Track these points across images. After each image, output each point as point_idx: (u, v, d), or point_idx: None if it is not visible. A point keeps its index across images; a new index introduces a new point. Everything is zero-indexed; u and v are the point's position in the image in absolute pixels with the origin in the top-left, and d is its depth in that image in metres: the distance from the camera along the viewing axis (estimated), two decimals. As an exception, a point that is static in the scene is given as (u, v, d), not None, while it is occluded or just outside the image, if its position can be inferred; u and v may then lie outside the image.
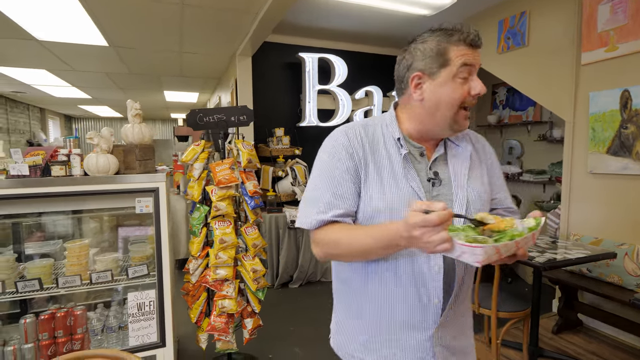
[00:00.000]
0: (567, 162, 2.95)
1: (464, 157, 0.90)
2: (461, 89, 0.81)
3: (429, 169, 0.87)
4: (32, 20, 2.81)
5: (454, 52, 0.81)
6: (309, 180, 0.91)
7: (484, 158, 0.95)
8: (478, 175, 0.90)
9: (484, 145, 0.98)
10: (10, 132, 6.75)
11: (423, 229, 0.62)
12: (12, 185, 1.67)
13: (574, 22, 2.81)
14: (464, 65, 0.80)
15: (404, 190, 0.82)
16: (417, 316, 0.84)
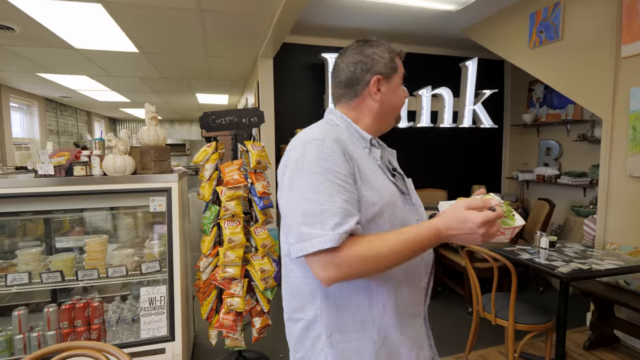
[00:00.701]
0: (604, 164, 2.72)
1: (393, 156, 1.00)
2: (404, 94, 0.95)
3: (389, 163, 0.95)
4: (68, 30, 3.02)
5: (399, 63, 0.93)
6: (293, 202, 0.78)
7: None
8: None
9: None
10: (60, 134, 7.32)
11: (484, 225, 0.71)
12: (39, 184, 1.81)
13: (613, 12, 2.58)
14: (402, 74, 0.94)
15: (391, 187, 0.87)
16: (416, 302, 0.90)
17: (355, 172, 0.80)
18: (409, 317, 0.88)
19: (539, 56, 3.19)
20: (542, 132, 4.63)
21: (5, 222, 2.08)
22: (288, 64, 4.09)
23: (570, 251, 2.32)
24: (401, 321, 0.86)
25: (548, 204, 3.63)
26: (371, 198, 0.79)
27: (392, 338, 0.85)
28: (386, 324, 0.84)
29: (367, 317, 0.83)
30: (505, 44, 3.54)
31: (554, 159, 4.44)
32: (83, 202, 1.97)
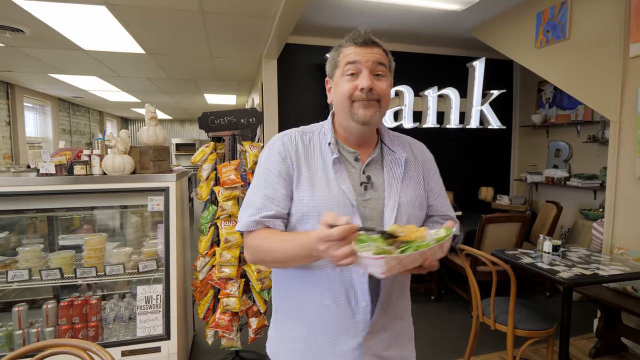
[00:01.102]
0: (612, 166, 2.64)
1: (398, 163, 0.92)
2: (348, 85, 0.86)
3: (362, 173, 0.89)
4: (76, 32, 3.09)
5: (343, 54, 0.88)
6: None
7: (421, 164, 0.97)
8: (413, 181, 0.93)
9: (423, 151, 1.00)
10: (72, 133, 7.48)
11: (327, 243, 0.64)
12: (40, 183, 1.85)
13: (621, 10, 2.51)
14: (348, 64, 0.86)
15: (335, 194, 0.84)
16: (348, 320, 0.84)
17: (293, 173, 0.87)
18: (335, 333, 0.85)
19: (546, 56, 3.13)
20: (552, 133, 4.53)
21: (8, 219, 2.13)
22: (292, 65, 4.10)
23: (575, 256, 2.26)
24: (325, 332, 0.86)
25: (555, 207, 3.55)
26: (301, 199, 0.85)
27: (317, 343, 0.88)
28: (312, 328, 0.88)
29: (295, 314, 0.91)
30: (511, 43, 3.48)
31: (563, 161, 4.34)
32: (83, 201, 2.01)
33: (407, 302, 0.98)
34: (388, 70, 0.90)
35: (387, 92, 0.88)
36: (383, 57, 0.87)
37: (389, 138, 0.96)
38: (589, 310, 3.04)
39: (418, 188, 0.93)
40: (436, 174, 1.00)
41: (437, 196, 0.97)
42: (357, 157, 0.91)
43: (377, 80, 0.86)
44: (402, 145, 0.96)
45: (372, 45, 0.86)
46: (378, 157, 0.93)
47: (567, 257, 2.22)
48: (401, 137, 1.01)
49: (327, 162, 0.88)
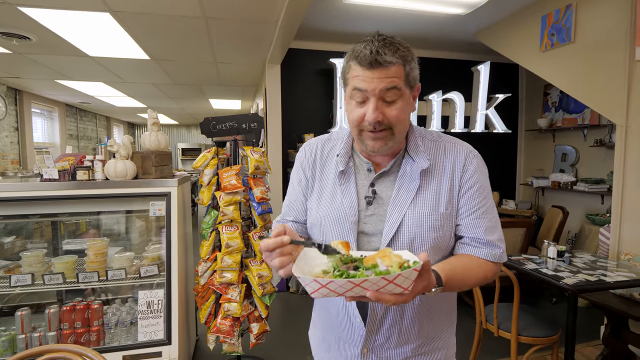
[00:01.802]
0: (618, 170, 2.60)
1: (413, 176, 0.81)
2: (356, 112, 0.77)
3: (369, 186, 0.83)
4: (82, 38, 3.13)
5: (350, 72, 0.77)
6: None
7: (451, 175, 0.82)
8: (430, 197, 0.80)
9: (459, 159, 0.84)
10: (80, 138, 7.57)
11: (265, 252, 0.67)
12: (43, 188, 1.87)
13: (627, 13, 2.48)
14: (355, 89, 0.76)
15: (337, 207, 0.83)
16: (346, 330, 0.86)
17: (308, 183, 0.90)
18: (339, 339, 0.88)
19: (551, 59, 3.10)
20: (558, 137, 4.49)
21: (12, 224, 2.15)
22: (296, 70, 4.11)
23: (580, 262, 2.23)
24: (332, 333, 0.90)
25: (562, 212, 3.50)
26: (310, 209, 0.89)
27: (327, 341, 0.93)
28: (324, 328, 0.93)
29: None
30: (516, 47, 3.46)
31: (570, 165, 4.29)
32: (86, 206, 2.02)
33: (435, 331, 0.85)
34: (405, 86, 0.76)
35: (401, 115, 0.76)
36: (395, 77, 0.73)
37: (414, 145, 0.83)
38: (596, 317, 2.98)
39: (438, 205, 0.80)
40: (473, 188, 0.82)
41: (470, 214, 0.82)
42: (369, 168, 0.85)
43: (388, 107, 0.75)
44: (429, 153, 0.83)
45: (380, 67, 0.72)
46: (395, 168, 0.83)
47: (572, 263, 2.19)
48: (438, 140, 0.86)
49: (337, 175, 0.86)
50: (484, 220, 0.82)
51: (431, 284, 0.66)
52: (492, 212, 0.83)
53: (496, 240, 0.82)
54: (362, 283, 0.58)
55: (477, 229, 0.81)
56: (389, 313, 0.80)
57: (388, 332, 0.81)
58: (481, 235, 0.81)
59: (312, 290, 0.60)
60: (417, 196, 0.80)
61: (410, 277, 0.59)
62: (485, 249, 0.81)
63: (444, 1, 3.03)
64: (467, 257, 0.81)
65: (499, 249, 0.82)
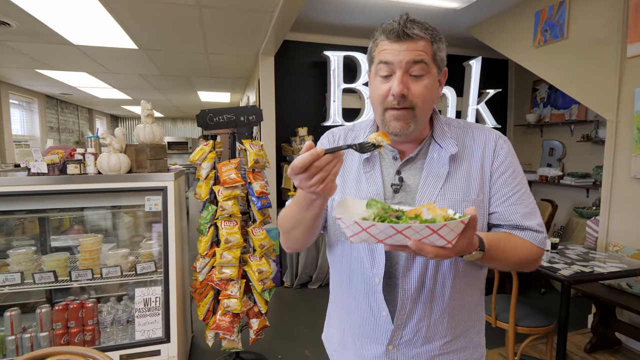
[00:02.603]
0: (608, 165, 2.67)
1: (441, 161, 0.79)
2: (380, 88, 0.75)
3: (395, 174, 0.81)
4: (66, 26, 2.99)
5: (377, 48, 0.76)
6: None
7: (481, 161, 0.79)
8: (461, 183, 0.77)
9: (488, 144, 0.80)
10: (61, 131, 7.30)
11: (297, 176, 0.61)
12: (31, 182, 1.78)
13: (619, 10, 2.53)
14: (380, 63, 0.74)
15: (362, 196, 0.80)
16: (369, 326, 0.81)
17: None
18: (360, 337, 0.83)
19: (544, 55, 3.14)
20: (546, 132, 4.58)
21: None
22: (290, 62, 4.05)
23: (573, 253, 2.28)
24: (352, 332, 0.86)
25: (550, 205, 3.58)
26: (331, 198, 0.83)
27: (347, 341, 0.87)
28: (343, 326, 0.88)
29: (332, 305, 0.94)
30: (509, 42, 3.49)
31: (557, 160, 4.39)
32: (77, 201, 1.94)
33: (463, 326, 0.82)
34: (433, 64, 0.74)
35: (426, 94, 0.74)
36: (422, 51, 0.72)
37: (441, 132, 0.81)
38: (583, 306, 3.07)
39: (469, 191, 0.77)
40: (506, 173, 0.79)
41: (504, 201, 0.78)
42: (395, 155, 0.82)
43: (414, 82, 0.73)
44: (456, 139, 0.80)
45: (408, 39, 0.71)
46: (421, 155, 0.81)
47: (565, 255, 2.24)
48: (465, 127, 0.84)
49: (361, 162, 0.83)
50: (520, 206, 0.78)
51: (473, 245, 0.64)
52: (529, 198, 0.79)
53: (536, 226, 0.78)
54: (405, 230, 0.55)
55: (514, 215, 0.77)
56: (418, 305, 0.77)
57: (417, 327, 0.78)
58: (518, 221, 0.77)
59: (351, 234, 0.57)
60: (446, 182, 0.77)
61: (455, 230, 0.56)
62: (524, 233, 0.78)
63: (440, -5, 3.02)
64: (511, 234, 0.78)
65: (540, 234, 0.78)
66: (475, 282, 0.83)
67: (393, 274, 0.77)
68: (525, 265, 0.78)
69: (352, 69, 4.09)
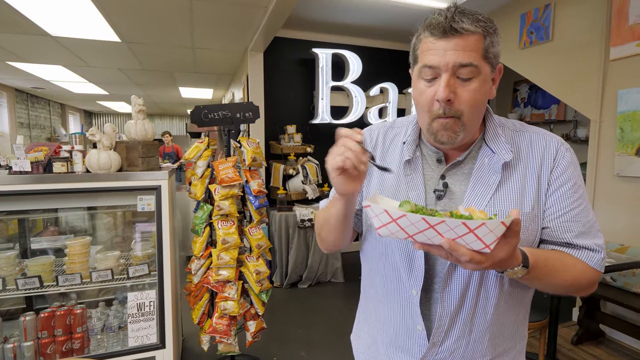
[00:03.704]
0: (591, 163, 2.77)
1: (493, 168, 0.70)
2: (425, 93, 0.67)
3: (439, 179, 0.74)
4: (45, 16, 2.82)
5: (422, 46, 0.68)
6: None
7: (538, 171, 0.71)
8: (513, 194, 0.69)
9: (548, 153, 0.71)
10: (32, 127, 6.93)
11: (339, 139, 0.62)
12: (13, 182, 1.66)
13: (602, 14, 2.62)
14: (424, 67, 0.67)
15: (401, 200, 0.74)
16: (402, 338, 0.76)
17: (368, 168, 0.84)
18: (393, 347, 0.78)
19: (529, 56, 3.23)
20: (527, 131, 4.72)
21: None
22: (278, 59, 3.99)
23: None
24: (384, 341, 0.81)
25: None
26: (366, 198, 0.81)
27: (378, 348, 0.83)
28: (376, 333, 0.84)
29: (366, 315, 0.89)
30: (495, 43, 3.56)
31: (538, 158, 4.54)
32: (64, 201, 1.83)
33: (504, 347, 0.76)
34: (484, 62, 0.66)
35: (476, 99, 0.66)
36: (472, 51, 0.64)
37: (494, 134, 0.73)
38: (568, 299, 3.19)
39: (522, 203, 0.69)
40: (566, 185, 0.70)
41: (560, 216, 0.69)
42: (439, 158, 0.74)
43: (461, 86, 0.65)
44: (511, 144, 0.72)
45: (456, 35, 0.64)
46: (470, 159, 0.73)
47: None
48: (522, 130, 0.75)
49: (401, 164, 0.76)
50: (578, 224, 0.69)
51: (516, 259, 0.58)
52: (588, 216, 0.70)
53: (592, 245, 0.69)
54: (438, 225, 0.50)
55: (567, 233, 0.69)
56: (457, 324, 0.71)
57: (454, 346, 0.71)
58: (571, 240, 0.69)
59: (379, 225, 0.54)
60: (497, 192, 0.69)
61: (495, 232, 0.50)
62: (578, 252, 0.69)
63: (431, -6, 3.05)
64: (563, 252, 0.69)
65: (597, 254, 0.69)
66: (521, 303, 0.76)
67: (432, 287, 0.72)
68: (578, 290, 0.70)
69: (340, 66, 4.08)
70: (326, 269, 3.75)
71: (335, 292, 3.54)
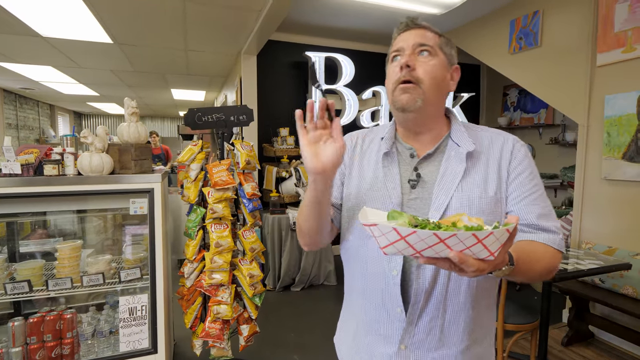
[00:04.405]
0: (580, 167, 2.83)
1: (459, 158, 0.79)
2: (392, 70, 0.82)
3: (413, 170, 0.82)
4: (35, 16, 2.79)
5: (392, 44, 0.85)
6: None
7: (499, 161, 0.80)
8: (478, 181, 0.78)
9: (506, 146, 0.81)
10: (20, 128, 6.81)
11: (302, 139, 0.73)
12: (3, 184, 1.63)
13: (589, 21, 2.69)
14: (393, 52, 0.83)
15: (379, 190, 0.82)
16: (382, 321, 0.80)
17: (346, 166, 0.90)
18: (373, 335, 0.82)
19: (519, 62, 3.29)
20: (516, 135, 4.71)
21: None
22: (271, 62, 4.00)
23: (552, 252, 2.39)
24: (365, 332, 0.85)
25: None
26: (348, 194, 0.87)
27: (360, 341, 0.87)
28: (357, 326, 0.88)
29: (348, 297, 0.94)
30: (485, 49, 3.62)
31: (527, 162, 4.61)
32: (55, 204, 1.80)
33: (479, 332, 0.81)
34: (440, 51, 0.80)
35: (432, 72, 0.77)
36: (429, 36, 0.79)
37: (458, 131, 0.83)
38: (558, 301, 3.23)
39: (486, 188, 0.77)
40: (524, 173, 0.79)
41: (521, 200, 0.78)
42: (412, 153, 0.84)
43: (421, 60, 0.78)
44: (474, 139, 0.82)
45: (415, 27, 0.81)
46: (439, 153, 0.82)
47: (546, 254, 2.34)
48: (483, 130, 0.86)
49: (379, 157, 0.85)
50: (537, 206, 0.77)
51: (505, 259, 0.60)
52: (545, 201, 0.79)
53: (552, 227, 0.77)
54: (449, 239, 0.50)
55: (529, 214, 0.77)
56: (432, 300, 0.76)
57: (430, 325, 0.76)
58: (534, 221, 0.76)
59: (386, 243, 0.52)
60: (464, 179, 0.77)
61: (500, 239, 0.52)
62: (542, 234, 0.76)
63: (423, 1, 3.09)
64: (533, 242, 0.76)
65: (557, 235, 0.77)
66: (489, 285, 0.82)
67: (409, 270, 0.77)
68: (547, 274, 0.76)
69: (333, 70, 4.10)
70: (319, 272, 3.74)
71: (328, 295, 3.54)
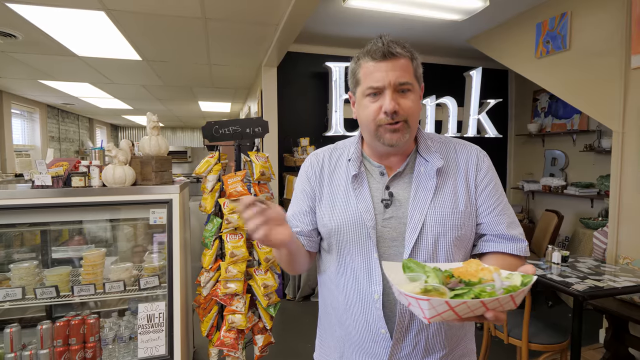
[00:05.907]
0: (615, 176, 2.65)
1: (429, 175, 0.81)
2: (371, 107, 0.79)
3: (385, 189, 0.82)
4: (71, 38, 3.00)
5: (363, 70, 0.80)
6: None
7: (466, 174, 0.83)
8: (450, 195, 0.80)
9: (471, 158, 0.85)
10: (62, 140, 7.29)
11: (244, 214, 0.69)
12: (35, 195, 1.75)
13: (622, 22, 2.54)
14: (369, 86, 0.78)
15: (352, 213, 0.81)
16: (368, 342, 0.81)
17: (316, 194, 0.89)
18: (362, 354, 0.83)
19: (546, 66, 3.15)
20: (548, 142, 4.58)
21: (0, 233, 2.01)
22: (292, 73, 4.06)
23: (584, 266, 2.25)
24: (351, 349, 0.84)
25: (557, 216, 3.55)
26: (321, 219, 0.86)
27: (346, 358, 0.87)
28: (341, 343, 0.88)
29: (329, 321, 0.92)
30: (511, 53, 3.51)
31: (560, 169, 4.38)
32: (81, 214, 1.91)
33: (459, 334, 0.84)
34: (415, 81, 0.80)
35: (415, 108, 0.79)
36: (406, 70, 0.78)
37: (425, 146, 0.85)
38: (593, 320, 3.02)
39: (457, 203, 0.80)
40: (489, 186, 0.83)
41: (490, 212, 0.82)
42: (382, 171, 0.84)
43: (403, 98, 0.77)
44: (441, 153, 0.84)
45: (392, 57, 0.76)
46: (408, 170, 0.83)
47: (577, 268, 2.20)
48: (447, 142, 0.88)
49: (349, 180, 0.84)
50: (504, 216, 0.83)
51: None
52: (509, 209, 0.86)
53: (519, 235, 0.83)
54: (490, 303, 0.53)
55: (499, 225, 0.82)
56: (417, 318, 0.77)
57: (416, 339, 0.78)
58: (504, 231, 0.82)
59: (433, 314, 0.52)
60: (435, 195, 0.80)
61: (524, 293, 0.55)
62: (510, 243, 0.82)
63: (442, 7, 3.04)
64: (507, 257, 0.81)
65: (522, 242, 0.82)
66: None
67: (389, 290, 0.78)
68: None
69: (355, 80, 4.10)
70: (339, 282, 3.71)
71: (348, 306, 3.49)
